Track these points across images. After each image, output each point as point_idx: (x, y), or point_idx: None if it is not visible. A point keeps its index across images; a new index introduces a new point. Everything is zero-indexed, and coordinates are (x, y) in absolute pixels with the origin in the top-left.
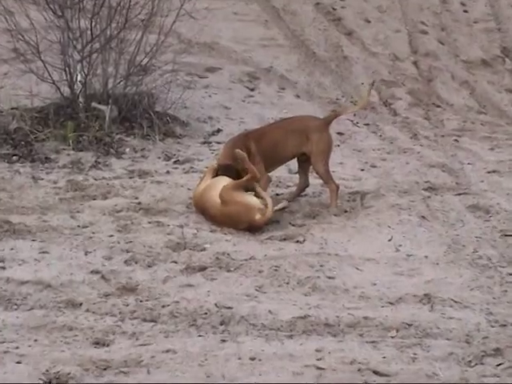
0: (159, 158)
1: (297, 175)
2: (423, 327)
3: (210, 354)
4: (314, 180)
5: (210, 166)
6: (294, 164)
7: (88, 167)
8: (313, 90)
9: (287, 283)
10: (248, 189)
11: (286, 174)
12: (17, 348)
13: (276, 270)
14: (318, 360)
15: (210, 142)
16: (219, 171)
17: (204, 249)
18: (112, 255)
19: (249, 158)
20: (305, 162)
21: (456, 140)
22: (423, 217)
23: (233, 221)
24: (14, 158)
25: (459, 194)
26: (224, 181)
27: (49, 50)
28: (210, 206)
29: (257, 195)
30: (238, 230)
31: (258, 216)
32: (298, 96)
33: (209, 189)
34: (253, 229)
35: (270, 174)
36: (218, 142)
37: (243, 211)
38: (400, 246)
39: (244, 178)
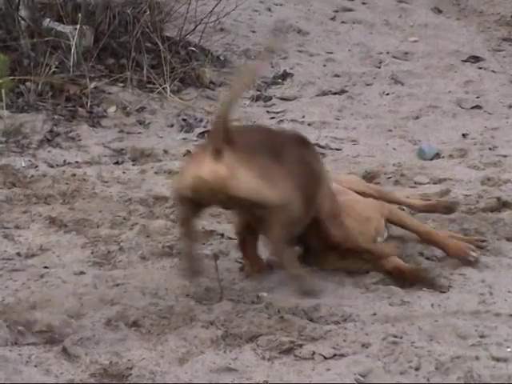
0: (170, 126)
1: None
2: None
3: None
4: None
5: None
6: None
7: (36, 142)
8: None
9: None
10: None
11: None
12: None
13: None
14: None
15: (269, 98)
16: None
17: None
18: None
19: None
20: None
21: None
22: None
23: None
24: None
25: None
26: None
27: None
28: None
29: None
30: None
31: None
32: (437, 9)
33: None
34: None
35: None
36: (285, 99)
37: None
38: None
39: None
